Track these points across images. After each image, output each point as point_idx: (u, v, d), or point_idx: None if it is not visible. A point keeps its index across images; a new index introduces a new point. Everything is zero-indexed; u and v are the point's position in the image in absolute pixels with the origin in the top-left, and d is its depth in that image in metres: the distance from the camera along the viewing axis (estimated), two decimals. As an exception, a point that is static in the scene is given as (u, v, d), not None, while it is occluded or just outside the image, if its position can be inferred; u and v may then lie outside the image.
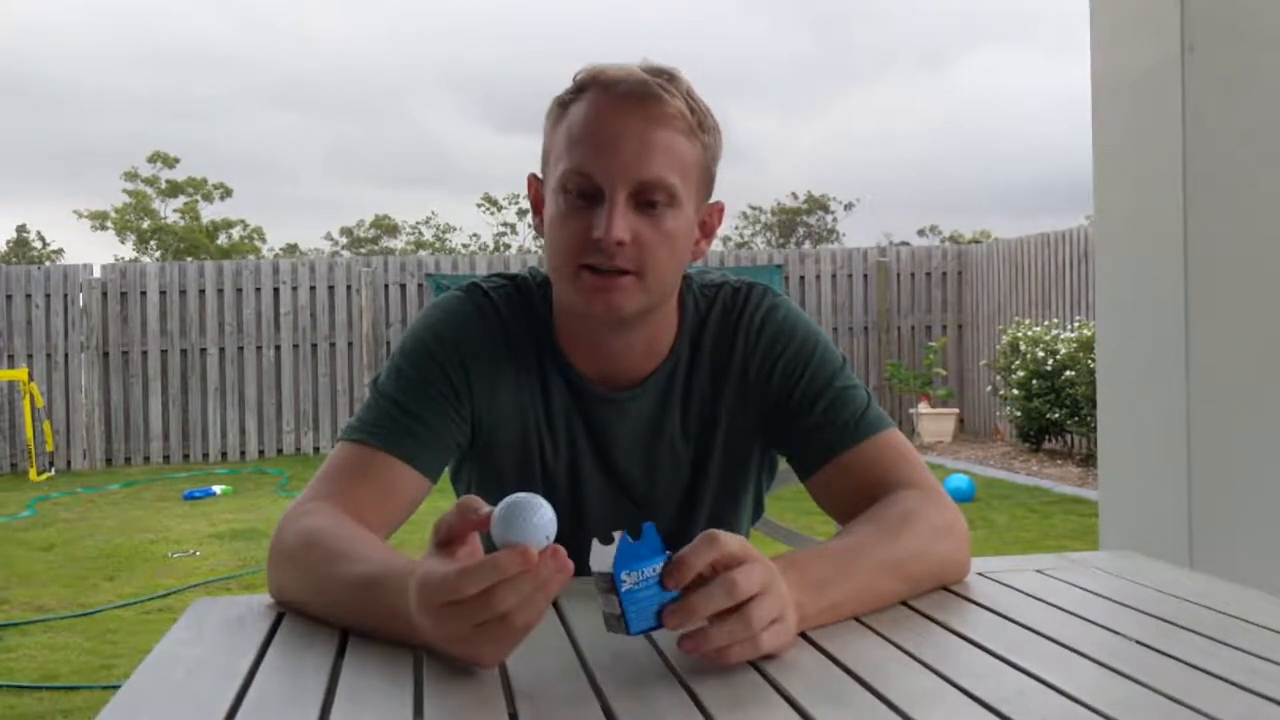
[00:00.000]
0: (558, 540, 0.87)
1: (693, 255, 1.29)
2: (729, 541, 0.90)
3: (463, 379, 1.28)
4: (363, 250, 39.70)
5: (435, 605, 0.87)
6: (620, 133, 1.19)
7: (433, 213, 51.38)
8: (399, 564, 1.00)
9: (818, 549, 1.08)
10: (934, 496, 1.21)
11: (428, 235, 37.27)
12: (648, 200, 1.20)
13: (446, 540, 0.91)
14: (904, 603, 1.11)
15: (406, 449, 1.23)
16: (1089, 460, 8.21)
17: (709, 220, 1.31)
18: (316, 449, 10.26)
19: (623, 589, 0.87)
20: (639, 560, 0.88)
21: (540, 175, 1.31)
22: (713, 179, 1.29)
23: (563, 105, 1.25)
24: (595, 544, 0.89)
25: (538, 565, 0.84)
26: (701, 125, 1.24)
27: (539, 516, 0.86)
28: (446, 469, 1.34)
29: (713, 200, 1.31)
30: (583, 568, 0.90)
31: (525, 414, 1.32)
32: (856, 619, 1.05)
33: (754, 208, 41.83)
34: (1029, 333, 8.90)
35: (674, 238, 1.23)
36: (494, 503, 1.37)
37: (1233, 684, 0.86)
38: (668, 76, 1.23)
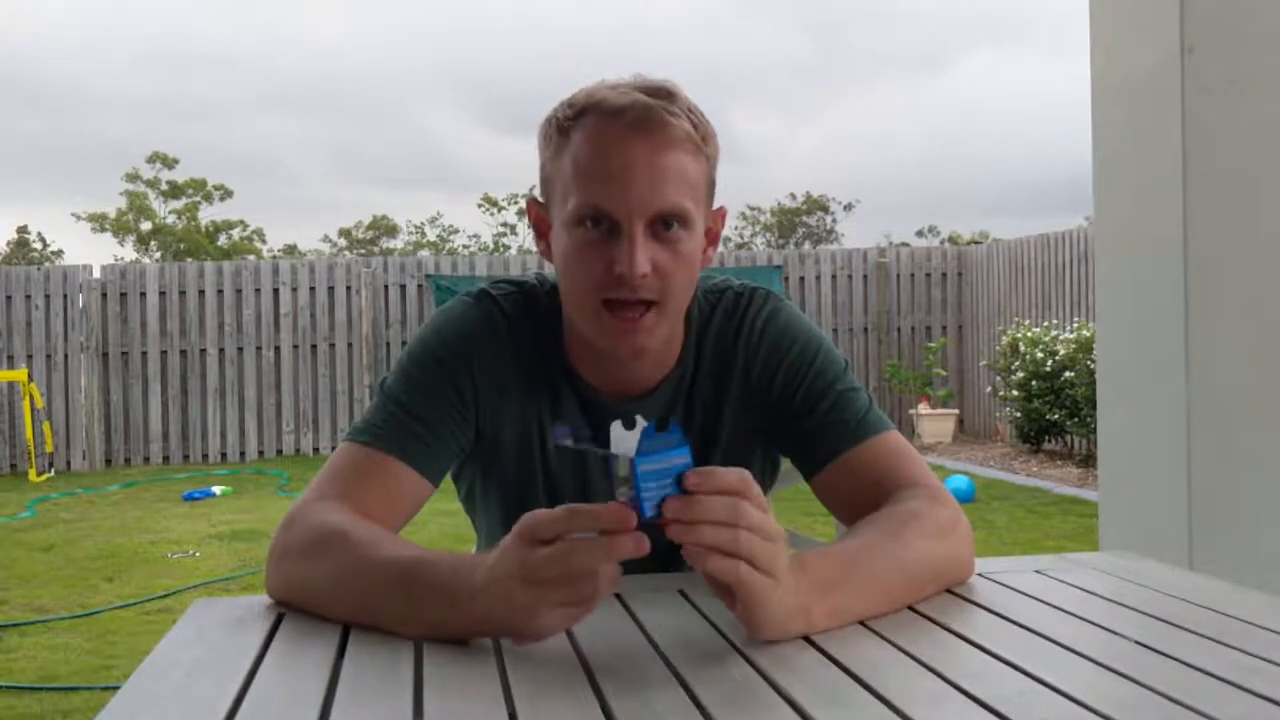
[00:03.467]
0: None
1: (701, 264, 1.29)
2: (754, 485, 0.94)
3: (469, 385, 1.28)
4: (361, 252, 39.70)
5: (525, 542, 0.91)
6: (631, 164, 1.18)
7: (438, 213, 51.29)
8: (437, 552, 1.04)
9: (824, 551, 1.08)
10: (938, 497, 1.21)
11: (431, 236, 37.26)
12: (664, 225, 1.20)
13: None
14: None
15: (411, 453, 1.23)
16: (1089, 461, 8.21)
17: (713, 227, 1.32)
18: (316, 449, 10.26)
19: (640, 474, 0.90)
20: (658, 453, 0.91)
21: (540, 199, 1.31)
22: (715, 186, 1.29)
23: (562, 131, 1.23)
24: (616, 426, 0.91)
25: (629, 528, 0.89)
26: (704, 139, 1.24)
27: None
28: (449, 471, 1.34)
29: (715, 206, 1.31)
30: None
31: (531, 422, 1.32)
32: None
33: (754, 208, 41.87)
34: (1028, 334, 8.90)
35: (690, 259, 1.23)
36: (497, 508, 1.37)
37: (1231, 684, 0.86)
38: (668, 95, 1.21)
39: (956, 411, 10.54)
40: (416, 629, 1.00)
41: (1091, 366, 7.30)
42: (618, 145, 1.19)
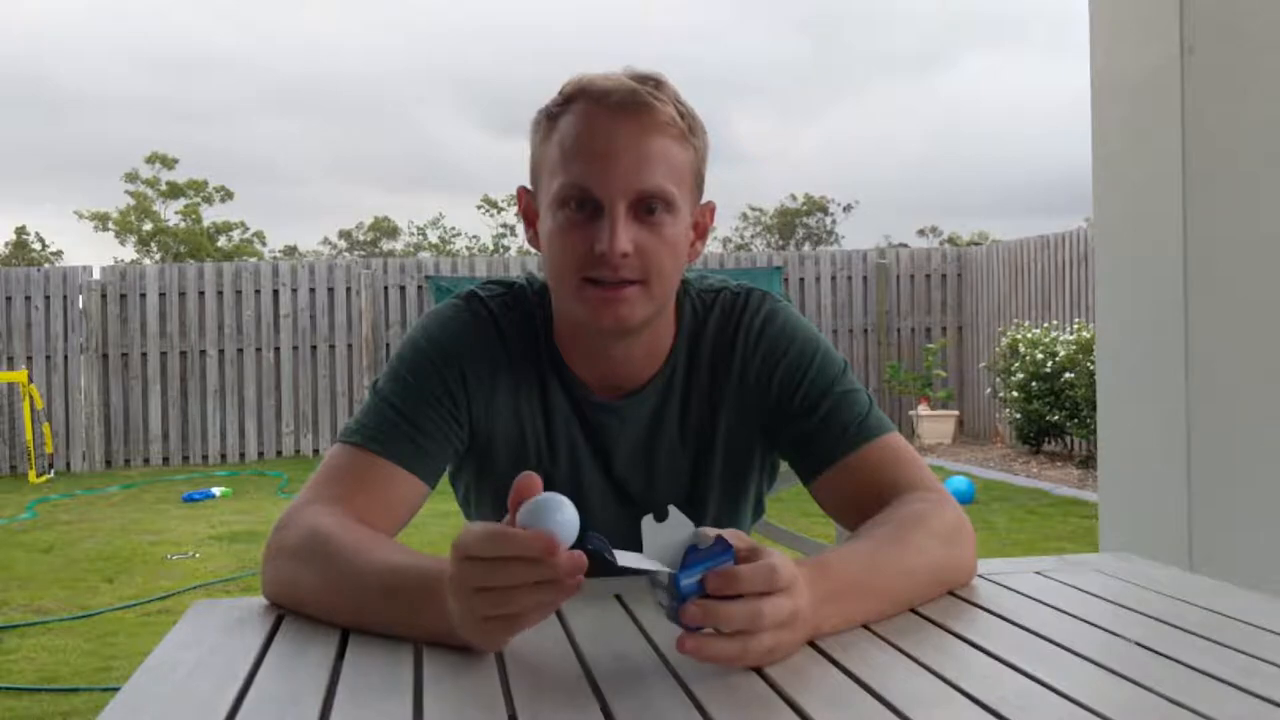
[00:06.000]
0: None
1: (689, 257, 1.29)
2: (781, 575, 0.90)
3: (460, 386, 1.28)
4: (361, 253, 39.71)
5: (458, 559, 0.89)
6: (615, 144, 1.19)
7: (440, 214, 51.22)
8: (429, 559, 1.02)
9: (836, 558, 1.06)
10: (940, 500, 1.20)
11: (433, 238, 37.26)
12: (647, 209, 1.20)
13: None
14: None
15: (405, 455, 1.23)
16: (1088, 462, 8.21)
17: (702, 221, 1.32)
18: (316, 451, 10.25)
19: (682, 588, 0.88)
20: (702, 564, 0.89)
21: (530, 188, 1.31)
22: (703, 180, 1.30)
23: (551, 118, 1.25)
24: (648, 520, 0.90)
25: (556, 557, 0.85)
26: (691, 129, 1.25)
27: (562, 515, 0.87)
28: (445, 472, 1.34)
29: (704, 201, 1.32)
30: (594, 569, 0.90)
31: (523, 421, 1.32)
32: (857, 620, 1.04)
33: (754, 209, 41.91)
34: (1028, 335, 8.91)
35: (674, 244, 1.23)
36: (491, 510, 1.37)
37: (1231, 685, 0.86)
38: (655, 83, 1.23)
39: (956, 413, 10.54)
40: (400, 632, 1.00)
41: (1091, 368, 7.30)
42: (603, 126, 1.20)
